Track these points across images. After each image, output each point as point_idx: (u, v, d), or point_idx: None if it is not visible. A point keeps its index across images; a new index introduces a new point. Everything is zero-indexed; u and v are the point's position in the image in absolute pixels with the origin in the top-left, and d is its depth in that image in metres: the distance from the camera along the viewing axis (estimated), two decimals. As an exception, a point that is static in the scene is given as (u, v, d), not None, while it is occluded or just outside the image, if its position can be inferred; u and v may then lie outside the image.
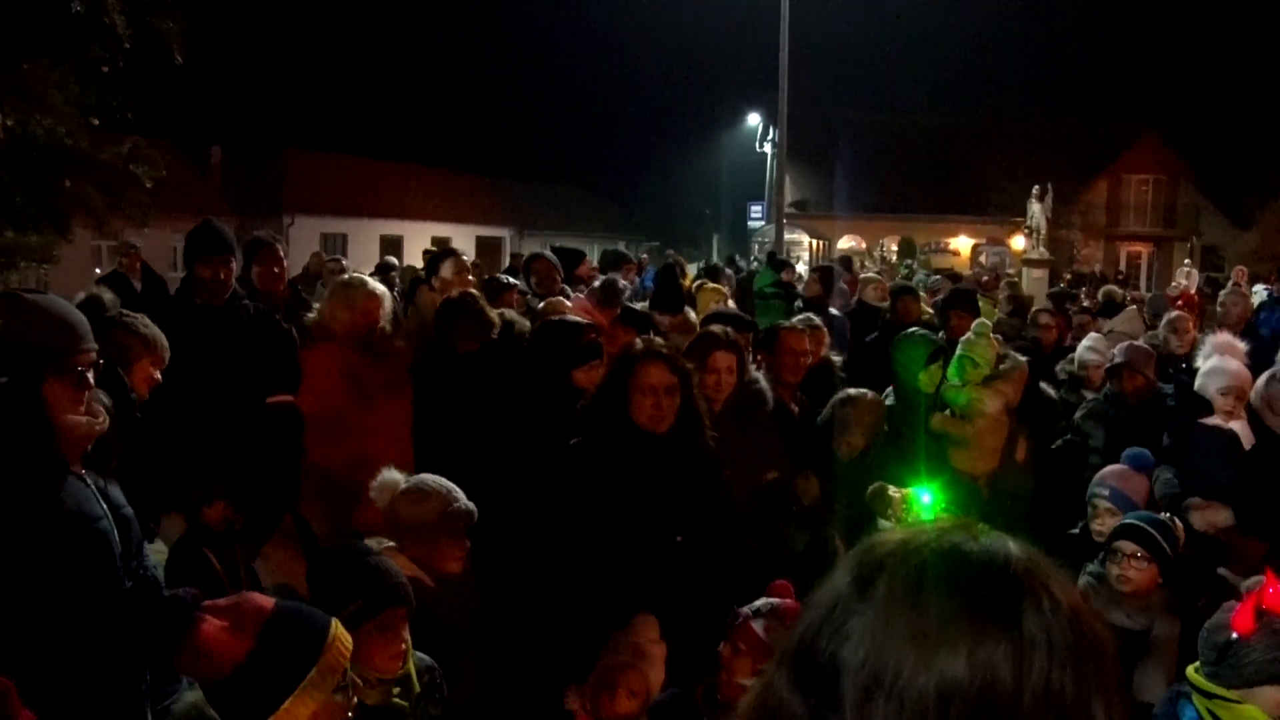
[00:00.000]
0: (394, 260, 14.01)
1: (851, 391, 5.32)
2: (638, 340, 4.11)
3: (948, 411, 5.49)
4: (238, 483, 4.14)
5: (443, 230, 38.22)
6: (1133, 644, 3.67)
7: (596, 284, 7.76)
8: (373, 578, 2.81)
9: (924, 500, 4.09)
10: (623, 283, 8.15)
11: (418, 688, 2.89)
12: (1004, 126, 41.35)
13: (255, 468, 4.36)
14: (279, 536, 4.46)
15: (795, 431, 5.14)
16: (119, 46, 9.89)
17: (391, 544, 3.40)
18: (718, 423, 4.26)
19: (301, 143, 38.20)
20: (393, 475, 3.60)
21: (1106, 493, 4.35)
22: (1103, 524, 4.27)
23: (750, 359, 5.36)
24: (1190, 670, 3.01)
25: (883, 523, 4.15)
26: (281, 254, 6.07)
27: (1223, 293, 9.75)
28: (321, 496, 4.76)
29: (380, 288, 5.24)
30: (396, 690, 2.82)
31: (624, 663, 3.21)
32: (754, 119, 43.22)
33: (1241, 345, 5.24)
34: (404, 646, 2.84)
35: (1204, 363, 5.07)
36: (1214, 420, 4.81)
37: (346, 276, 5.45)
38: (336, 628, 2.24)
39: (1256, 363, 5.14)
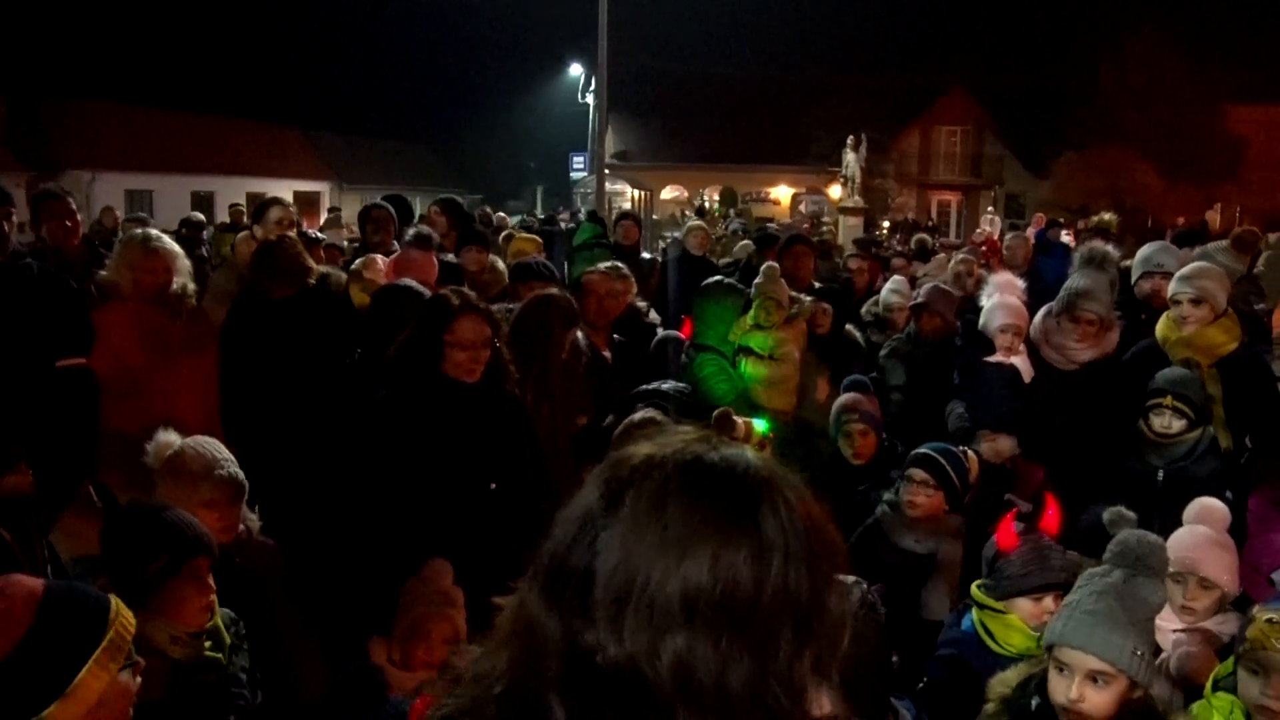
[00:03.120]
0: (201, 217, 13.36)
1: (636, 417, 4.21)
2: (450, 294, 4.04)
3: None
4: (29, 451, 3.93)
5: (258, 185, 36.61)
6: (921, 567, 3.90)
7: None
8: (173, 531, 2.78)
9: (759, 426, 4.20)
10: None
11: (229, 639, 2.87)
12: (821, 78, 42.23)
13: (46, 435, 4.15)
14: (78, 506, 4.26)
15: (609, 376, 5.22)
16: None
17: None
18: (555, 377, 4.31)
19: (101, 93, 35.79)
20: (169, 437, 3.40)
21: (857, 415, 4.75)
22: (855, 446, 4.70)
23: None
24: (974, 585, 3.23)
25: None
26: (73, 207, 5.81)
27: (1008, 236, 10.43)
28: (123, 463, 4.55)
29: (171, 244, 5.03)
30: (208, 644, 2.78)
31: (433, 611, 3.21)
32: (575, 70, 42.80)
33: (1020, 283, 5.51)
34: (212, 597, 2.81)
35: (986, 301, 5.36)
36: (997, 356, 5.11)
37: (137, 232, 5.20)
38: (116, 603, 2.13)
39: (1037, 302, 5.44)
